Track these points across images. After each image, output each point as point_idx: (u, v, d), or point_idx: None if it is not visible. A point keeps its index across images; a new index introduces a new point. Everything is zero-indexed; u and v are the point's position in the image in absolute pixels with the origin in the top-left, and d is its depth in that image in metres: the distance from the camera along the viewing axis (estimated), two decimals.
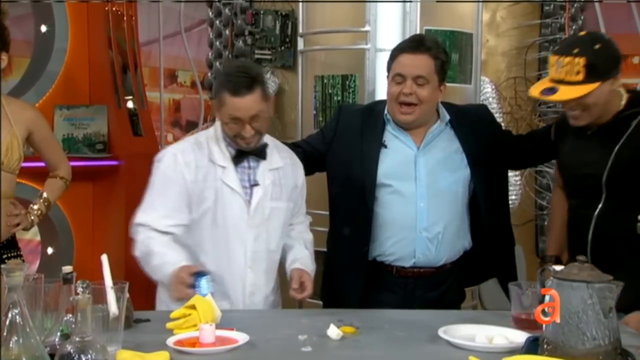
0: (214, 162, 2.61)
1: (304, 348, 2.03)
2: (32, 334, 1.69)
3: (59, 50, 5.41)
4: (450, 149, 2.80)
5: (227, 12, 3.95)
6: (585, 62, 2.40)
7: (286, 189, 2.71)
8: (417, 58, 2.72)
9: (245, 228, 2.62)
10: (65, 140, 5.41)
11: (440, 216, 2.75)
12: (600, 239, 2.55)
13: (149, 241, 2.55)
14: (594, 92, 2.43)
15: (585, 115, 2.51)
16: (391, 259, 2.77)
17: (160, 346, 1.97)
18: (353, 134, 2.84)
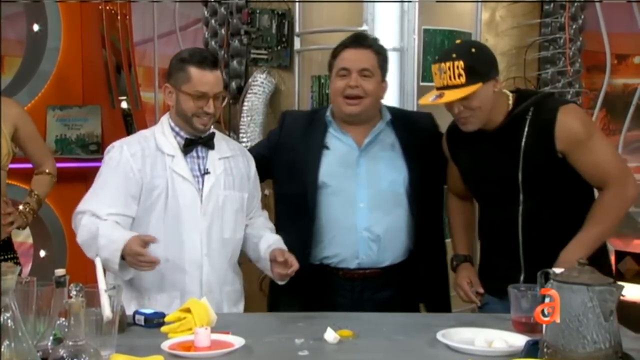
0: (162, 151, 2.63)
1: (300, 352, 2.02)
2: (24, 338, 1.69)
3: (52, 49, 5.41)
4: (391, 150, 2.85)
5: (223, 11, 3.94)
6: (464, 65, 2.48)
7: (238, 179, 2.74)
8: (360, 52, 2.81)
9: (199, 216, 2.63)
10: (58, 141, 5.41)
11: (381, 216, 2.79)
12: (531, 236, 2.61)
13: (92, 226, 2.52)
14: (477, 94, 2.50)
15: (474, 120, 2.57)
16: (336, 261, 2.81)
17: (155, 350, 1.97)
18: (296, 137, 2.90)
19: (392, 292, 2.83)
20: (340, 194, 2.80)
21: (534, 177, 2.58)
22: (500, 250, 2.72)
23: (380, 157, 2.83)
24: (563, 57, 4.02)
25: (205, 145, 2.68)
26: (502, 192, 2.64)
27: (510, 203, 2.62)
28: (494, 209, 2.70)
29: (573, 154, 2.53)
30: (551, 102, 2.67)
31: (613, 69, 4.92)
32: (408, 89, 3.44)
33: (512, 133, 2.59)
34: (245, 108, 3.73)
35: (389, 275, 2.83)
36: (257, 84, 3.73)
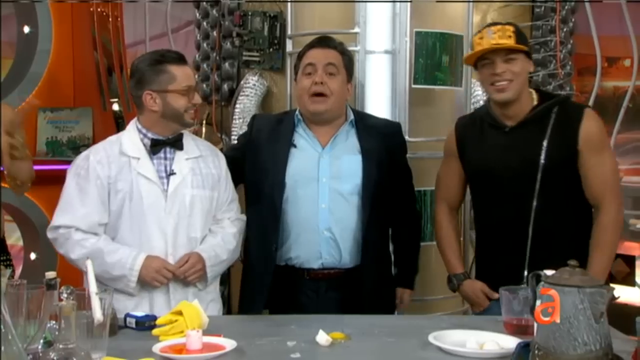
0: (126, 154, 2.65)
1: (292, 354, 2.02)
2: (14, 342, 1.68)
3: (43, 51, 5.40)
4: (352, 153, 2.86)
5: (215, 13, 3.94)
6: (514, 29, 2.64)
7: (207, 178, 2.74)
8: (326, 51, 2.86)
9: (164, 216, 2.64)
10: (49, 143, 5.40)
11: (342, 217, 2.81)
12: (541, 234, 2.65)
13: (87, 242, 2.59)
14: (521, 60, 2.64)
15: (511, 86, 2.64)
16: (300, 261, 2.83)
17: (147, 353, 1.97)
18: (265, 138, 2.92)
19: (357, 292, 2.83)
20: (304, 194, 2.82)
21: (552, 172, 2.63)
22: (505, 247, 2.73)
23: (341, 159, 2.85)
24: (554, 59, 4.03)
25: (173, 146, 2.70)
26: (517, 187, 2.68)
27: (523, 199, 2.66)
28: (504, 205, 2.70)
29: (585, 157, 2.63)
30: (575, 104, 2.86)
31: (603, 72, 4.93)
32: (400, 91, 3.44)
33: (536, 126, 2.67)
34: (237, 110, 3.72)
35: (353, 276, 2.83)
36: (249, 86, 3.73)
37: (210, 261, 2.67)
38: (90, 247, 2.57)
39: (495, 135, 2.73)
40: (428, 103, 3.55)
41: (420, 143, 3.37)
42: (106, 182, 2.62)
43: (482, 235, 2.89)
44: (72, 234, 2.60)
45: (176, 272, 2.60)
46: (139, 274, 2.56)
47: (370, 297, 2.83)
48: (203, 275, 2.67)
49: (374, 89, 3.45)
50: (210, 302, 2.74)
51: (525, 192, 2.66)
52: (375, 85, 3.45)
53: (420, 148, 3.32)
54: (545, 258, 2.44)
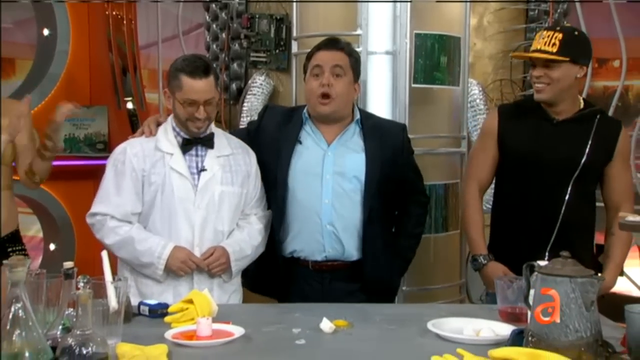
0: (161, 149, 2.67)
1: (297, 341, 2.02)
2: (34, 328, 1.69)
3: (61, 52, 5.41)
4: (356, 151, 2.85)
5: (224, 16, 3.94)
6: (562, 37, 2.65)
7: (237, 175, 2.74)
8: (333, 53, 2.82)
9: (193, 209, 2.65)
10: (67, 140, 5.41)
11: (344, 213, 2.79)
12: (567, 223, 2.72)
13: (121, 229, 2.63)
14: (561, 67, 2.66)
15: (548, 90, 2.70)
16: (304, 254, 2.83)
17: (159, 339, 1.97)
18: (273, 130, 2.90)
19: (360, 283, 2.82)
20: (308, 189, 2.81)
21: (588, 170, 2.73)
22: (530, 231, 2.76)
23: (345, 157, 2.83)
24: None
25: (204, 144, 2.70)
26: (556, 176, 2.73)
27: (558, 188, 2.73)
28: (539, 190, 2.74)
29: (616, 165, 2.78)
30: (612, 117, 3.04)
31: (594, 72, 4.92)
32: (400, 90, 3.44)
33: (582, 126, 2.75)
34: (245, 108, 3.72)
35: (356, 268, 2.82)
36: (257, 85, 3.73)
37: (235, 255, 2.67)
38: (123, 234, 2.61)
39: (543, 125, 2.77)
40: (427, 101, 3.54)
41: (419, 140, 3.36)
42: (140, 175, 2.64)
43: (504, 217, 2.89)
44: (107, 221, 2.63)
45: (200, 264, 2.60)
46: (166, 262, 2.58)
47: (371, 288, 2.82)
48: (227, 269, 2.67)
49: (376, 88, 3.44)
50: (233, 293, 2.76)
51: (561, 182, 2.73)
52: (376, 84, 3.44)
53: (419, 144, 3.31)
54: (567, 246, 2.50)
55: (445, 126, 3.60)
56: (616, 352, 1.82)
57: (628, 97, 6.89)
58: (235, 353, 1.94)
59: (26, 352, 1.65)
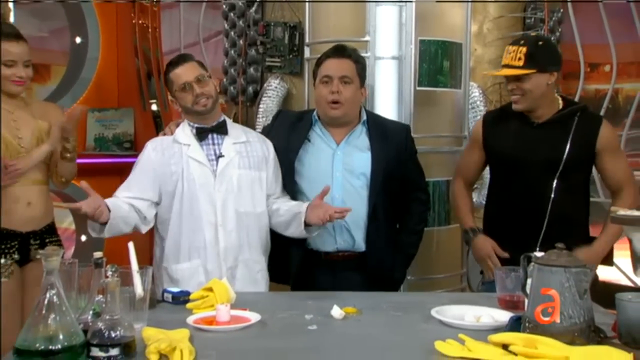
0: (179, 141, 2.71)
1: (310, 326, 2.02)
2: (67, 313, 1.70)
3: (92, 59, 5.43)
4: (362, 151, 2.84)
5: (241, 24, 3.94)
6: (526, 51, 2.62)
7: (254, 160, 2.75)
8: (341, 62, 2.82)
9: (213, 192, 2.67)
10: (96, 139, 5.44)
11: (353, 206, 2.77)
12: (555, 217, 2.68)
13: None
14: (530, 78, 2.64)
15: (523, 100, 2.68)
16: (317, 245, 2.83)
17: (181, 324, 1.97)
18: (284, 130, 2.92)
19: (368, 273, 2.81)
20: (319, 186, 2.77)
21: (571, 166, 2.68)
22: (520, 227, 2.73)
23: (352, 156, 2.83)
24: None
25: (218, 132, 2.73)
26: (540, 175, 2.71)
27: (543, 186, 2.70)
28: (526, 189, 2.72)
29: (603, 157, 2.72)
30: (594, 113, 2.92)
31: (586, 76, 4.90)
32: (405, 92, 3.43)
33: (561, 126, 2.71)
34: (261, 110, 3.72)
35: (364, 258, 2.82)
36: (272, 88, 3.72)
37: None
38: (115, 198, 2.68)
39: (524, 128, 2.75)
40: (431, 103, 3.53)
41: (424, 139, 3.35)
42: (157, 165, 2.69)
43: (496, 215, 2.88)
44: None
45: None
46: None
47: (374, 279, 2.81)
48: None
49: (383, 90, 3.43)
50: (259, 272, 2.77)
51: (545, 180, 2.70)
52: (383, 87, 3.43)
53: (423, 143, 3.30)
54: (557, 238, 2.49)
55: (447, 126, 3.59)
56: (607, 337, 1.82)
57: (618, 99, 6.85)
58: (251, 337, 1.94)
59: (60, 334, 1.66)
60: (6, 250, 2.82)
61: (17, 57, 2.80)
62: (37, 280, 1.96)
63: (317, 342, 1.91)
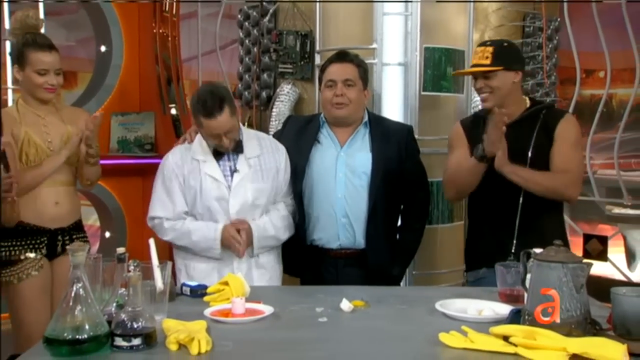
0: (196, 158, 2.70)
1: (320, 319, 2.02)
2: (92, 304, 1.71)
3: (115, 66, 5.45)
4: (365, 151, 2.83)
5: (255, 33, 3.93)
6: (492, 50, 2.63)
7: (267, 173, 2.74)
8: (344, 66, 2.82)
9: (228, 206, 2.67)
10: (119, 141, 5.45)
11: (355, 206, 2.78)
12: (528, 206, 2.62)
13: (176, 225, 2.69)
14: (497, 76, 2.62)
15: (491, 98, 2.65)
16: (322, 242, 2.82)
17: (199, 316, 1.97)
18: (294, 133, 2.92)
19: (372, 268, 2.80)
20: (324, 186, 2.80)
21: (538, 162, 2.61)
22: (497, 219, 2.69)
23: (354, 157, 2.82)
24: (541, 71, 3.99)
25: (234, 151, 2.70)
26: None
27: (514, 184, 2.62)
28: (498, 188, 2.63)
29: (556, 145, 2.63)
30: (560, 109, 2.89)
31: (582, 82, 4.86)
32: (411, 97, 3.43)
33: (528, 124, 2.67)
34: (274, 113, 3.72)
35: (365, 254, 2.80)
36: (284, 93, 3.72)
37: (257, 233, 2.69)
38: (178, 229, 2.68)
39: None
40: (435, 107, 3.52)
41: (428, 141, 3.35)
42: (181, 179, 2.68)
43: (475, 214, 2.83)
44: (164, 222, 2.70)
45: (236, 236, 2.63)
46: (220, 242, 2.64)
47: (378, 272, 2.79)
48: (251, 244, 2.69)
49: (390, 95, 3.43)
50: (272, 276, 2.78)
51: None
52: (390, 92, 3.44)
53: (428, 145, 3.30)
54: (531, 234, 2.53)
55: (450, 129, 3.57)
56: (603, 329, 1.81)
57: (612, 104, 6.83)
58: (265, 329, 1.95)
59: (86, 325, 1.67)
60: (36, 246, 2.84)
61: (49, 66, 2.83)
62: (65, 273, 1.97)
63: (327, 333, 1.91)
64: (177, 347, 1.72)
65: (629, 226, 2.34)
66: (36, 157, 2.82)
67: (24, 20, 2.88)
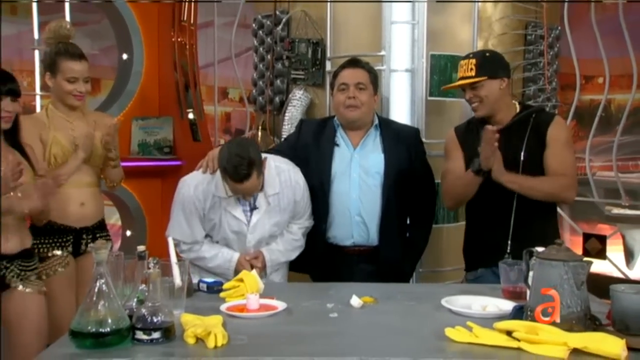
0: (217, 195, 2.63)
1: (331, 314, 2.02)
2: (114, 300, 1.71)
3: (136, 73, 5.48)
4: (377, 152, 2.82)
5: (269, 41, 3.93)
6: (475, 62, 2.63)
7: (285, 208, 2.70)
8: (355, 71, 2.84)
9: (246, 241, 2.67)
10: (140, 145, 5.48)
11: (369, 205, 2.77)
12: (522, 207, 2.59)
13: (193, 248, 2.68)
14: (484, 85, 2.62)
15: (481, 107, 2.65)
16: (336, 240, 2.82)
17: (215, 311, 1.97)
18: (311, 137, 2.90)
19: (382, 264, 2.79)
20: (339, 186, 2.80)
21: (530, 164, 2.59)
22: (493, 220, 2.67)
23: (367, 158, 2.82)
24: (542, 77, 3.97)
25: None
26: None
27: None
28: (493, 191, 2.59)
29: (549, 149, 2.60)
30: (549, 112, 2.83)
31: (582, 87, 4.83)
32: (418, 102, 3.42)
33: (518, 128, 2.64)
34: (287, 118, 3.71)
35: (378, 252, 2.80)
36: (296, 98, 3.71)
37: (270, 262, 2.70)
38: (195, 253, 2.68)
39: None
40: (440, 112, 3.50)
41: (434, 144, 3.33)
42: (201, 211, 2.64)
43: (472, 215, 2.81)
44: (181, 245, 2.67)
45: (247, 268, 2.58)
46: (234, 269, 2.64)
47: (386, 270, 2.78)
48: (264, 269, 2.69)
49: (397, 100, 3.42)
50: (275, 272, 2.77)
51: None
52: (398, 97, 3.42)
53: (434, 148, 3.28)
54: (525, 234, 2.53)
55: None
56: (602, 324, 1.81)
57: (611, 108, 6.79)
58: (278, 323, 1.95)
59: (109, 319, 1.68)
60: (62, 244, 2.86)
61: (78, 74, 2.85)
62: (89, 270, 1.98)
63: (338, 327, 1.91)
64: (195, 341, 1.72)
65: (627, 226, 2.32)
66: (63, 160, 2.85)
67: (57, 30, 2.91)
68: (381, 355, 1.65)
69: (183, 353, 1.67)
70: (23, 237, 2.55)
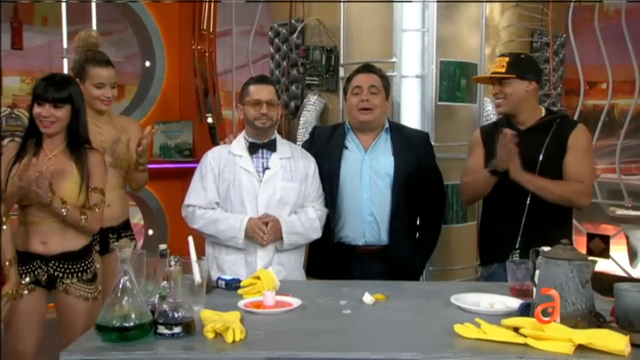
0: (233, 153, 2.71)
1: (344, 311, 2.01)
2: (138, 296, 1.72)
3: (158, 79, 5.51)
4: (387, 154, 2.81)
5: (285, 48, 3.94)
6: (508, 60, 2.66)
7: (297, 174, 2.72)
8: (368, 75, 2.84)
9: (258, 200, 2.66)
10: (161, 148, 5.51)
11: (380, 205, 2.76)
12: (535, 205, 2.59)
13: (206, 214, 2.67)
14: (511, 83, 2.63)
15: (504, 103, 2.66)
16: (349, 239, 2.80)
17: (233, 307, 1.98)
18: (323, 141, 2.91)
19: (393, 263, 2.77)
20: (351, 187, 2.79)
21: (547, 166, 2.59)
22: (506, 216, 2.66)
23: (378, 160, 2.81)
24: (548, 82, 3.95)
25: (268, 148, 2.71)
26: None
27: None
28: (509, 187, 2.58)
29: (569, 155, 2.61)
30: (573, 120, 2.87)
31: (586, 93, 4.81)
32: (428, 107, 3.41)
33: (541, 131, 2.65)
34: (301, 122, 3.72)
35: (388, 251, 2.78)
36: (311, 103, 3.72)
37: (287, 228, 2.65)
38: (208, 218, 2.66)
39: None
40: (450, 116, 3.49)
41: (443, 147, 3.32)
42: (216, 172, 2.69)
43: (487, 210, 2.82)
44: (196, 210, 2.68)
45: (262, 228, 2.59)
46: (245, 232, 2.61)
47: (396, 269, 2.77)
48: (279, 237, 2.64)
49: (408, 105, 3.42)
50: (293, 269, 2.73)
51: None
52: (408, 102, 3.42)
53: (443, 151, 3.27)
54: (538, 231, 2.52)
55: (464, 136, 3.52)
56: (606, 321, 1.79)
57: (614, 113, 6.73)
58: (293, 320, 1.95)
59: (132, 314, 1.69)
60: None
61: (106, 80, 2.88)
62: (114, 267, 1.99)
63: (351, 324, 1.91)
64: (214, 336, 1.72)
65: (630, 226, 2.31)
66: None
67: (86, 39, 2.94)
68: (392, 350, 1.65)
69: (203, 347, 1.68)
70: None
